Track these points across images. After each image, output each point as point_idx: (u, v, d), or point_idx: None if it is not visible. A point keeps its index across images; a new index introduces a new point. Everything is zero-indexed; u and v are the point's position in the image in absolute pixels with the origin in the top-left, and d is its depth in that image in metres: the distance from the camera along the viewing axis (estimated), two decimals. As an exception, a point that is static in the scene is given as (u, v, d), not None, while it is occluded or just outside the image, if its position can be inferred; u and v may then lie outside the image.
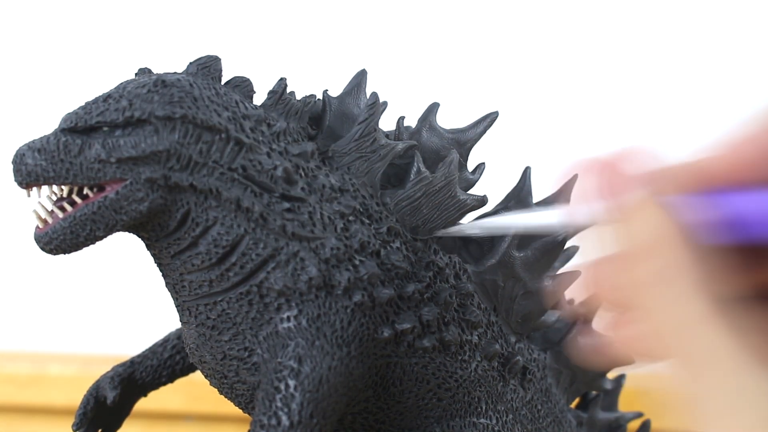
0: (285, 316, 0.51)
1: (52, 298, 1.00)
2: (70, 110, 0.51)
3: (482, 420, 0.56)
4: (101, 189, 0.50)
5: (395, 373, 0.53)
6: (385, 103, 0.58)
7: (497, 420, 0.56)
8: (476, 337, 0.55)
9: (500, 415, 0.56)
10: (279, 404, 0.49)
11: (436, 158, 0.56)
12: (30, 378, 0.93)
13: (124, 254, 0.87)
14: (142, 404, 0.64)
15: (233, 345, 0.52)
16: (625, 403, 0.70)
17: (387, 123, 0.58)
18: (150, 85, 0.50)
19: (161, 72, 0.53)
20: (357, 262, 0.52)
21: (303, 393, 0.49)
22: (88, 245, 0.51)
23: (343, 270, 0.51)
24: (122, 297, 0.98)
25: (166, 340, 0.63)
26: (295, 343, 0.50)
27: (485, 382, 0.56)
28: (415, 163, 0.54)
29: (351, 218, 0.52)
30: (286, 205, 0.51)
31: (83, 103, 0.51)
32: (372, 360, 0.52)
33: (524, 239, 0.57)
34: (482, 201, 0.56)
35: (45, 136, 0.50)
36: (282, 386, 0.49)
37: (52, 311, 1.00)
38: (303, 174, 0.52)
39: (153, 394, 0.63)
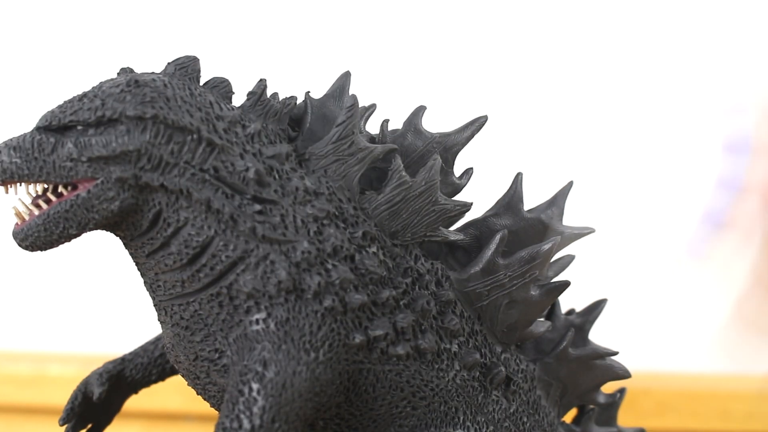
0: (254, 318, 0.50)
1: (52, 298, 1.01)
2: (49, 108, 0.52)
3: (459, 431, 0.54)
4: (75, 188, 0.50)
5: (368, 379, 0.52)
6: (373, 106, 0.57)
7: (476, 431, 0.55)
8: (456, 346, 0.54)
9: (479, 426, 0.55)
10: (241, 407, 0.49)
11: (421, 162, 0.55)
12: (30, 378, 0.94)
13: (124, 254, 0.88)
14: (142, 404, 0.64)
15: (205, 346, 0.52)
16: (625, 404, 0.67)
17: (376, 126, 0.57)
18: (123, 84, 0.50)
19: (146, 71, 0.53)
20: (329, 266, 0.51)
21: (266, 397, 0.49)
22: (62, 243, 0.52)
23: (314, 274, 0.50)
24: (122, 297, 0.99)
25: (157, 339, 0.63)
26: (261, 347, 0.50)
27: (464, 392, 0.54)
28: (394, 167, 0.53)
29: (325, 222, 0.51)
30: (258, 207, 0.50)
31: (62, 102, 0.52)
32: (343, 365, 0.51)
33: (510, 246, 0.56)
34: (465, 207, 0.55)
35: (23, 134, 0.51)
36: (246, 389, 0.49)
37: (52, 311, 1.01)
38: (277, 176, 0.51)
39: (153, 394, 0.64)
